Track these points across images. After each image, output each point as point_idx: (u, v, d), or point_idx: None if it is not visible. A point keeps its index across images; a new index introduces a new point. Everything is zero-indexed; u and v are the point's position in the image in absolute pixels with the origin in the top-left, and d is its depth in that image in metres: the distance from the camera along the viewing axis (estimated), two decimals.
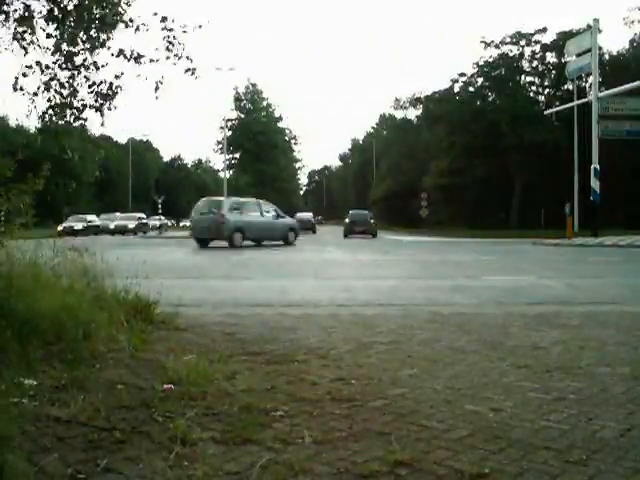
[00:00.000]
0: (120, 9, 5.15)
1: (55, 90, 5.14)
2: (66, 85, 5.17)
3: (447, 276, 11.10)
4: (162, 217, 56.30)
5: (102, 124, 5.40)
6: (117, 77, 5.26)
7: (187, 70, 5.39)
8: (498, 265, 14.33)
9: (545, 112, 39.40)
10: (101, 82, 5.25)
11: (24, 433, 2.58)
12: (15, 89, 4.99)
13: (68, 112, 5.23)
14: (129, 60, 5.24)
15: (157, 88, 5.38)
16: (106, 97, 5.27)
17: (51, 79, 5.11)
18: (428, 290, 8.86)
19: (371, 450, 2.56)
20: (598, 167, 26.81)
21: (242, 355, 4.25)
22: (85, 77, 5.21)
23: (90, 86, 5.24)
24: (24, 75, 5.04)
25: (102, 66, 5.26)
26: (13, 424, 2.58)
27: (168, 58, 5.26)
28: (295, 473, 2.31)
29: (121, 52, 5.24)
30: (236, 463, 2.42)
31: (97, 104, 5.24)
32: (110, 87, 5.26)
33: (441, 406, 3.16)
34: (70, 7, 4.97)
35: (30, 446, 2.48)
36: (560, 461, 2.45)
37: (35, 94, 5.09)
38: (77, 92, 5.20)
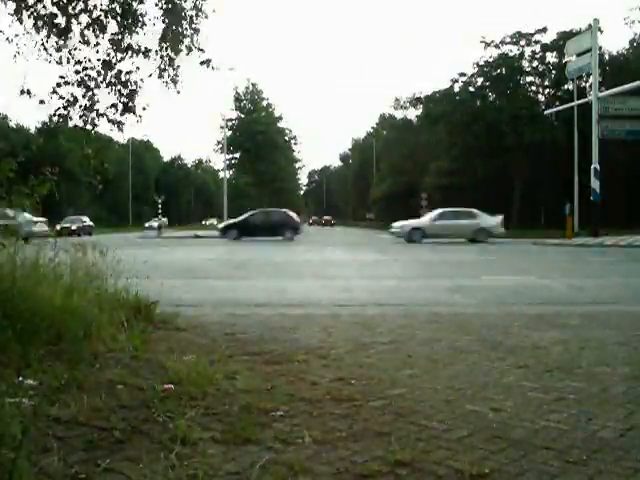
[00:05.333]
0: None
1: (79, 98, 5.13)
2: (90, 91, 5.14)
3: (447, 276, 11.09)
4: (160, 217, 55.94)
5: (138, 120, 5.35)
6: (131, 72, 5.21)
7: (202, 62, 5.32)
8: (498, 265, 14.32)
9: (545, 112, 39.38)
10: (127, 80, 5.19)
11: (24, 433, 2.58)
12: (22, 93, 4.97)
13: (90, 116, 5.20)
14: (137, 55, 5.18)
15: (175, 82, 5.32)
16: (132, 95, 5.23)
17: (66, 82, 5.09)
18: (428, 290, 8.87)
19: (371, 450, 2.56)
20: (598, 167, 26.79)
21: (242, 355, 4.25)
22: (115, 77, 5.17)
23: (116, 85, 5.18)
24: (58, 85, 5.03)
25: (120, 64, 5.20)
26: (14, 424, 2.58)
27: (180, 51, 5.21)
28: (295, 473, 2.31)
29: (129, 47, 5.18)
30: (236, 463, 2.42)
31: (124, 104, 5.19)
32: (135, 84, 5.22)
33: (441, 406, 3.17)
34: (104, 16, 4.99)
35: (30, 446, 2.48)
36: (560, 461, 2.45)
37: (69, 104, 5.07)
38: (96, 97, 5.18)
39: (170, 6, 5.11)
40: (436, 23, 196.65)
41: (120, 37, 5.10)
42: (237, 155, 60.69)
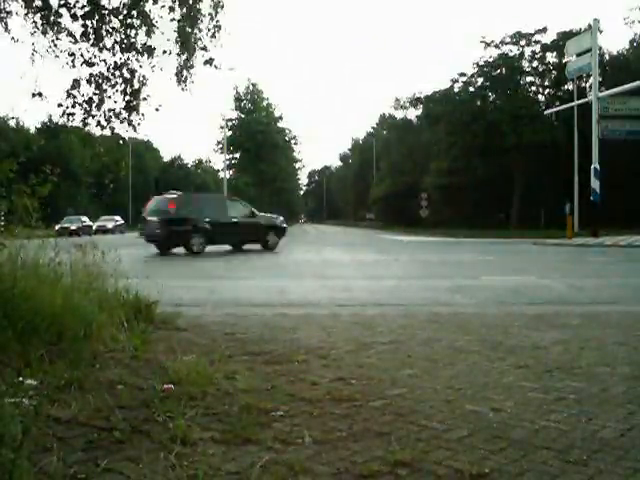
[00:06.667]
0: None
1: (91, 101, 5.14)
2: (98, 92, 5.15)
3: (447, 276, 11.10)
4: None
5: (141, 119, 5.34)
6: (135, 71, 5.20)
7: (206, 62, 5.31)
8: (498, 265, 14.32)
9: (545, 112, 39.38)
10: (132, 79, 5.17)
11: (24, 433, 2.58)
12: (34, 95, 4.97)
13: (98, 118, 5.21)
14: (142, 54, 5.17)
15: (179, 79, 5.31)
16: (137, 94, 5.22)
17: (77, 83, 5.10)
18: (428, 290, 8.86)
19: (371, 450, 2.56)
20: (598, 167, 26.79)
21: (242, 355, 4.25)
22: (121, 76, 5.17)
23: (120, 84, 5.18)
24: (73, 87, 5.05)
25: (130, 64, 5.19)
26: (14, 424, 2.58)
27: (183, 52, 5.21)
28: (295, 473, 2.31)
29: (132, 45, 5.17)
30: (236, 463, 2.42)
31: (129, 103, 5.19)
32: (140, 82, 5.22)
33: (441, 406, 3.17)
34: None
35: (30, 446, 2.48)
36: (560, 461, 2.45)
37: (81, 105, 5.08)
38: (104, 98, 5.18)
39: (186, 7, 5.11)
40: (436, 23, 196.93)
41: (125, 36, 5.09)
42: (237, 155, 60.73)
